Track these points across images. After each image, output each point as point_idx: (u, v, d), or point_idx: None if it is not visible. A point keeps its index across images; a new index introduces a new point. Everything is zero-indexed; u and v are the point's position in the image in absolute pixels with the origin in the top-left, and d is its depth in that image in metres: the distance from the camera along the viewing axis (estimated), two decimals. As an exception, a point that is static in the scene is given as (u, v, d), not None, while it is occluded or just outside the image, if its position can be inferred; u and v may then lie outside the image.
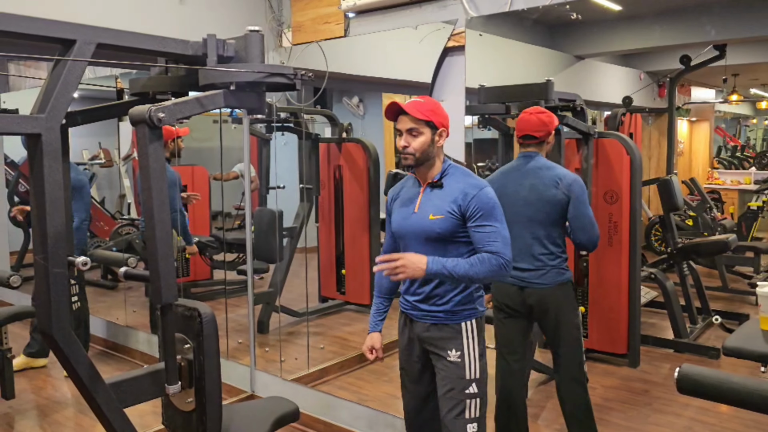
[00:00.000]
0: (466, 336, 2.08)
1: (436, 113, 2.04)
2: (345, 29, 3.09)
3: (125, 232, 5.82)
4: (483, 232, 1.99)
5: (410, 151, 2.03)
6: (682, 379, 1.97)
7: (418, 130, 2.02)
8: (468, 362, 2.06)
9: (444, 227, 2.02)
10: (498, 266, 1.97)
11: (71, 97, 1.49)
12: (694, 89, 8.87)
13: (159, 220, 1.51)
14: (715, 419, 3.21)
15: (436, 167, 2.09)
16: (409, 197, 2.14)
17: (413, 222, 2.08)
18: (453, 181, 2.07)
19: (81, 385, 1.55)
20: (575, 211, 2.61)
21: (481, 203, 2.00)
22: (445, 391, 2.08)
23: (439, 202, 2.04)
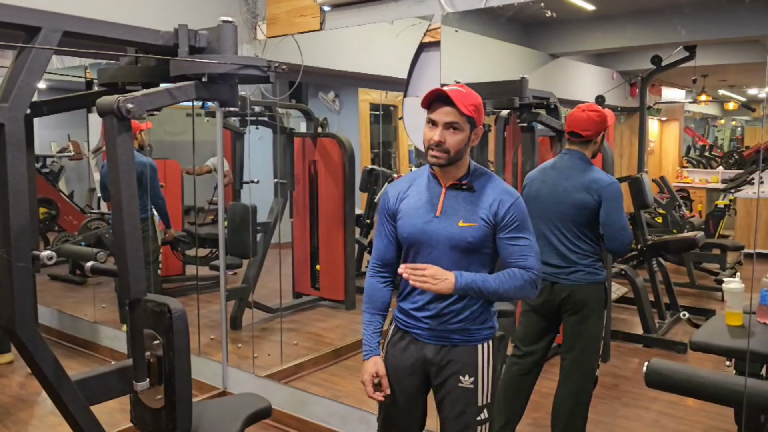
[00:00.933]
0: (482, 359, 1.88)
1: (480, 110, 1.82)
2: (321, 23, 3.06)
3: (95, 226, 5.70)
4: (517, 245, 1.81)
5: (446, 147, 1.78)
6: (650, 374, 2.00)
7: (459, 125, 1.78)
8: (481, 388, 1.87)
9: (476, 236, 1.81)
10: (529, 282, 1.81)
11: (36, 86, 1.44)
12: (664, 89, 9.02)
13: (127, 213, 1.47)
14: (682, 412, 3.27)
15: (464, 167, 1.86)
16: (426, 199, 1.87)
17: (438, 228, 1.83)
18: (485, 185, 1.85)
19: (46, 382, 1.51)
20: (606, 217, 2.53)
21: (518, 213, 1.82)
22: (455, 415, 1.88)
23: (472, 208, 1.82)
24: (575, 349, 2.66)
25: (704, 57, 5.65)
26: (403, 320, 1.94)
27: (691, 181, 8.64)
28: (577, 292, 2.61)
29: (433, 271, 1.73)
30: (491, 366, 1.89)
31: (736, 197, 6.88)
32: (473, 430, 1.88)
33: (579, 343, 2.65)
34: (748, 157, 9.27)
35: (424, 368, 1.92)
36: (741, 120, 12.56)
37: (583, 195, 2.55)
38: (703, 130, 12.36)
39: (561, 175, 2.64)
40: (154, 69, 1.80)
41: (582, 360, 2.66)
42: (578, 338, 2.65)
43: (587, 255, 2.62)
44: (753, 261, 4.84)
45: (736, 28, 5.15)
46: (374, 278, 1.99)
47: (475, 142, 1.84)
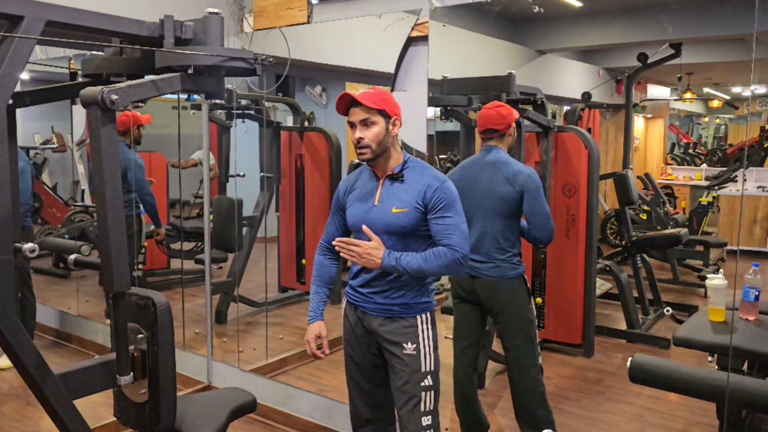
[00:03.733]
0: (422, 329, 2.05)
1: (388, 102, 1.98)
2: (308, 15, 3.05)
3: (78, 219, 5.65)
4: (442, 224, 1.96)
5: (365, 143, 1.97)
6: (634, 369, 2.02)
7: (371, 119, 1.96)
8: (423, 354, 2.03)
9: (408, 221, 1.98)
10: (453, 260, 1.94)
11: (18, 76, 1.42)
12: (650, 87, 9.09)
13: (111, 206, 1.46)
14: (665, 407, 3.31)
15: (394, 159, 2.04)
16: (367, 191, 2.08)
17: (375, 216, 2.02)
18: (415, 174, 2.02)
19: (27, 376, 1.49)
20: (530, 207, 2.59)
21: (444, 195, 1.97)
22: (401, 384, 2.03)
23: (404, 195, 2.00)
24: (511, 343, 2.69)
25: (690, 55, 5.70)
26: (353, 295, 2.14)
27: (675, 178, 8.73)
28: (497, 290, 2.64)
29: (360, 249, 1.95)
30: (431, 334, 2.06)
31: (719, 194, 6.96)
32: (418, 397, 2.01)
33: (513, 338, 2.67)
34: (731, 155, 9.37)
35: (373, 337, 2.10)
36: (725, 118, 12.70)
37: (507, 188, 2.60)
38: (687, 128, 12.48)
39: (483, 171, 2.68)
40: (140, 60, 1.78)
41: (520, 352, 2.67)
42: (509, 332, 2.68)
43: (505, 250, 2.64)
44: (736, 257, 4.90)
45: (722, 27, 5.21)
46: (322, 256, 2.28)
47: (394, 130, 2.00)
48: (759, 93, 8.83)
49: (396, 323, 2.04)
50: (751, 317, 2.37)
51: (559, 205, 3.97)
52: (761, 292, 2.38)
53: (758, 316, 2.38)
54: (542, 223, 2.60)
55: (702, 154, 10.75)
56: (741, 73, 7.92)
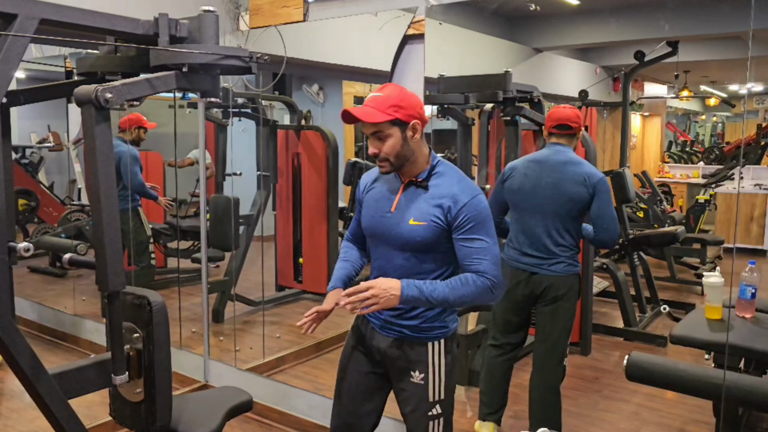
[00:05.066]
0: (433, 357, 1.85)
1: (401, 106, 1.72)
2: (304, 14, 3.04)
3: (75, 218, 5.63)
4: (471, 246, 1.73)
5: (383, 156, 1.75)
6: (630, 367, 2.02)
7: (382, 133, 1.73)
8: (432, 384, 1.86)
9: (425, 236, 1.76)
10: (483, 289, 1.72)
11: (12, 74, 1.42)
12: (647, 85, 9.09)
13: (106, 205, 1.45)
14: (662, 405, 3.31)
15: (420, 164, 1.80)
16: (386, 193, 1.86)
17: (389, 224, 1.82)
18: (442, 182, 1.79)
19: (22, 375, 1.49)
20: (600, 210, 2.59)
21: (473, 213, 1.73)
22: (409, 411, 1.90)
23: (424, 206, 1.77)
24: (550, 338, 2.73)
25: (686, 53, 5.71)
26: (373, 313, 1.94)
27: (672, 176, 8.73)
28: (556, 283, 2.67)
29: (374, 291, 1.69)
30: (443, 363, 1.87)
31: (716, 192, 6.97)
32: (425, 427, 1.89)
33: (553, 332, 2.72)
34: (728, 153, 9.38)
35: (380, 357, 1.93)
36: (722, 116, 12.71)
37: (579, 188, 2.59)
38: (684, 126, 12.49)
39: (550, 169, 2.66)
40: (135, 58, 1.78)
41: (555, 348, 2.73)
42: (553, 327, 2.72)
43: (569, 248, 2.68)
44: (733, 255, 4.91)
45: (719, 24, 5.21)
46: (349, 242, 2.07)
47: (416, 136, 1.76)
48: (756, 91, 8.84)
49: (405, 348, 1.87)
50: (747, 315, 2.38)
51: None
52: (758, 290, 2.38)
53: (755, 313, 2.39)
54: (609, 225, 2.60)
55: (699, 152, 10.76)
56: (738, 71, 7.93)
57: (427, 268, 1.81)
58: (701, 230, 6.73)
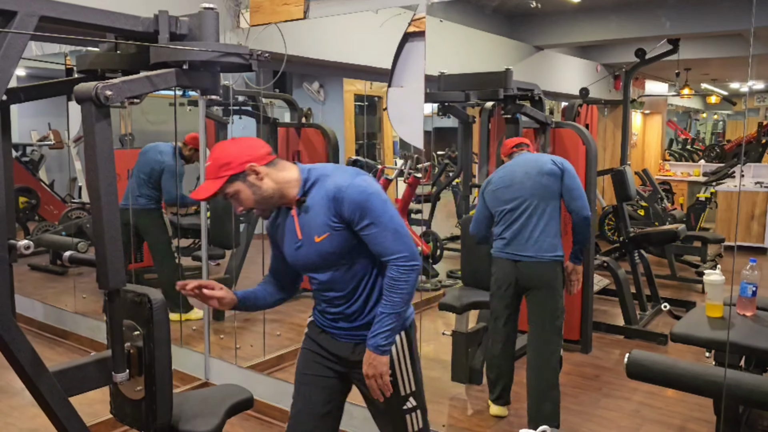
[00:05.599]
0: (397, 352, 1.83)
1: (228, 162, 1.69)
2: (304, 11, 3.03)
3: (75, 216, 5.64)
4: (369, 234, 1.70)
5: (249, 208, 1.75)
6: (631, 365, 2.02)
7: (228, 194, 1.72)
8: (401, 377, 1.84)
9: (335, 244, 1.73)
10: (406, 272, 1.70)
11: (12, 72, 1.41)
12: (648, 83, 9.08)
13: (106, 202, 1.45)
14: (662, 403, 3.31)
15: (292, 187, 1.75)
16: (287, 224, 1.82)
17: (306, 251, 1.78)
18: (319, 188, 1.74)
19: (23, 373, 1.49)
20: (572, 183, 2.89)
21: (353, 201, 1.68)
22: (380, 412, 1.90)
23: (318, 219, 1.73)
24: (541, 326, 2.89)
25: (687, 51, 5.70)
26: (320, 320, 1.92)
27: (673, 174, 8.73)
28: (540, 269, 2.85)
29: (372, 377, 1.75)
30: (407, 355, 1.86)
31: (717, 190, 6.96)
32: (403, 421, 1.88)
33: (544, 320, 2.88)
34: (729, 151, 9.37)
35: (339, 363, 1.89)
36: (723, 114, 12.70)
37: (551, 167, 2.90)
38: (685, 124, 12.48)
39: (522, 164, 2.97)
40: (135, 56, 1.77)
41: (548, 336, 2.88)
42: (543, 314, 2.88)
43: (550, 235, 2.88)
44: (734, 253, 4.90)
45: (720, 22, 5.21)
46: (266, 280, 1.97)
47: (260, 176, 1.71)
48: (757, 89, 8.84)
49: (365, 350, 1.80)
50: (748, 313, 2.37)
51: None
52: (758, 288, 2.38)
53: (755, 311, 2.38)
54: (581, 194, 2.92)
55: (700, 150, 10.75)
56: (739, 69, 7.92)
57: (359, 273, 1.79)
58: (702, 228, 6.72)
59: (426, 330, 4.15)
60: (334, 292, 1.81)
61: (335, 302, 1.83)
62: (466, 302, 3.32)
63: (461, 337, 3.40)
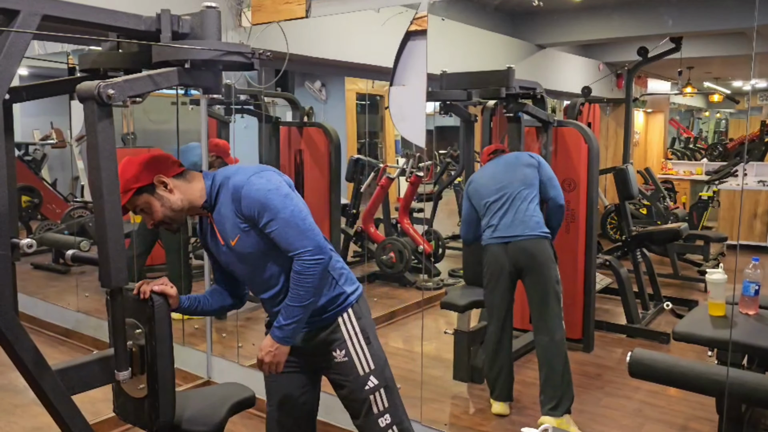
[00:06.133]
0: (346, 330, 1.86)
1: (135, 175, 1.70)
2: (306, 10, 3.03)
3: (78, 215, 5.65)
4: (272, 231, 1.71)
5: (159, 222, 1.76)
6: (633, 364, 2.02)
7: (138, 206, 1.74)
8: (356, 356, 1.87)
9: (249, 245, 1.76)
10: (310, 266, 1.70)
11: (14, 71, 1.41)
12: (650, 81, 9.07)
13: (109, 201, 1.45)
14: (665, 402, 3.31)
15: (200, 197, 1.78)
16: (210, 233, 1.86)
17: (227, 254, 1.82)
18: (224, 193, 1.76)
19: (26, 372, 1.49)
20: (547, 173, 3.10)
21: (251, 199, 1.70)
22: (345, 395, 1.91)
23: (229, 223, 1.77)
24: (542, 303, 2.99)
25: (690, 49, 5.69)
26: (270, 319, 1.94)
27: (675, 173, 8.72)
28: (530, 246, 2.97)
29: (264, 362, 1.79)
30: (358, 332, 1.88)
31: (719, 189, 6.95)
32: (367, 402, 1.89)
33: (544, 297, 2.98)
34: (732, 149, 9.37)
35: (296, 354, 1.88)
36: (725, 112, 12.69)
37: (529, 160, 3.12)
38: (688, 122, 12.47)
39: (502, 162, 3.17)
40: (137, 55, 1.77)
41: (550, 311, 2.98)
42: (540, 291, 2.98)
43: (533, 215, 3.02)
44: (736, 252, 4.89)
45: (722, 21, 5.20)
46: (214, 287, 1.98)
47: (170, 187, 1.74)
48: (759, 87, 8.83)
49: (318, 334, 1.87)
50: (750, 312, 2.37)
51: (558, 200, 3.96)
52: (761, 287, 2.38)
53: (758, 310, 2.38)
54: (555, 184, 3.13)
55: (702, 148, 10.74)
56: (741, 68, 7.91)
57: (285, 267, 1.79)
58: (704, 227, 6.72)
59: (428, 329, 4.15)
60: (270, 290, 1.85)
61: (276, 300, 1.85)
62: (467, 301, 3.32)
63: (463, 336, 3.40)
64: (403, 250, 5.28)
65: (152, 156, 1.78)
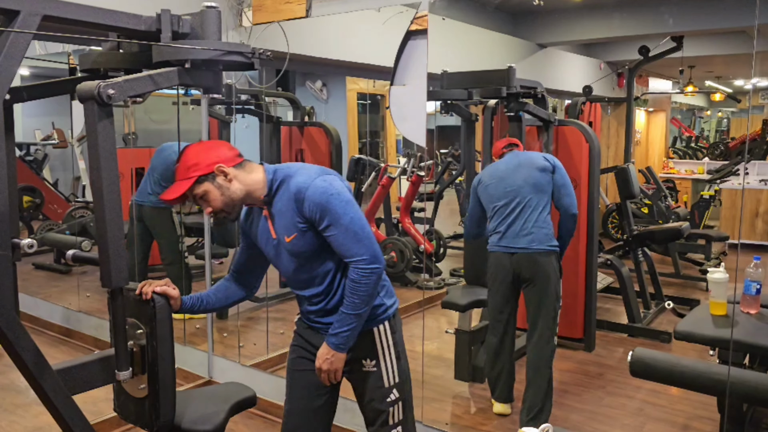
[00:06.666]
0: (380, 341, 1.87)
1: (197, 162, 1.71)
2: (307, 9, 3.03)
3: (79, 215, 5.65)
4: (330, 235, 1.73)
5: (218, 211, 1.76)
6: (634, 363, 2.01)
7: (197, 194, 1.73)
8: (385, 369, 1.88)
9: (304, 244, 1.77)
10: (366, 275, 1.72)
11: (15, 71, 1.42)
12: (651, 80, 9.06)
13: (109, 201, 1.46)
14: (666, 401, 3.31)
15: (259, 189, 1.79)
16: (262, 223, 1.87)
17: (277, 248, 1.83)
18: (285, 189, 1.78)
19: (26, 372, 1.49)
20: (562, 179, 2.95)
21: (313, 202, 1.71)
22: (367, 401, 1.92)
23: (285, 220, 1.77)
24: (538, 318, 2.92)
25: (691, 48, 5.68)
26: (305, 317, 1.96)
27: (677, 172, 8.71)
28: (535, 260, 2.89)
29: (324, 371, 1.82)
30: (391, 345, 1.89)
31: (721, 188, 6.94)
32: (386, 413, 1.90)
33: (541, 312, 2.92)
34: (733, 149, 9.35)
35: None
36: (727, 111, 12.66)
37: (543, 163, 2.96)
38: (689, 121, 12.45)
39: (514, 161, 3.02)
40: (137, 55, 1.78)
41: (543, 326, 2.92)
42: (538, 304, 2.92)
43: (542, 226, 2.92)
44: (737, 251, 4.89)
45: (723, 19, 5.18)
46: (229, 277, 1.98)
47: (229, 177, 1.73)
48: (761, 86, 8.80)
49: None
50: (752, 311, 2.37)
51: (559, 199, 3.95)
52: (762, 286, 2.37)
53: (759, 309, 2.38)
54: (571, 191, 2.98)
55: (704, 147, 10.72)
56: (743, 66, 7.89)
57: (333, 269, 1.82)
58: (706, 226, 6.71)
59: (429, 328, 4.15)
60: (312, 288, 1.85)
61: (314, 300, 1.87)
62: (468, 300, 3.32)
63: (464, 335, 3.40)
64: (405, 249, 5.29)
65: (214, 144, 1.80)
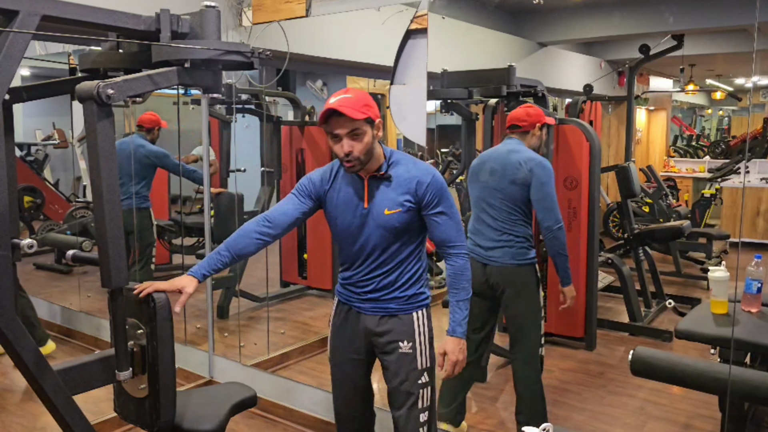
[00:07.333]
0: (418, 325, 2.00)
1: (371, 106, 1.85)
2: (307, 9, 3.03)
3: (80, 215, 5.65)
4: (438, 220, 1.93)
5: (355, 156, 1.84)
6: (635, 362, 2.01)
7: (360, 129, 1.82)
8: (420, 352, 1.99)
9: (402, 221, 1.91)
10: (467, 261, 1.98)
11: (14, 71, 1.42)
12: (652, 79, 9.04)
13: (108, 201, 1.46)
14: (667, 400, 3.30)
15: (379, 159, 1.92)
16: (351, 191, 1.96)
17: (368, 218, 1.93)
18: (401, 170, 1.93)
19: (27, 372, 1.49)
20: (538, 192, 2.66)
21: (436, 189, 1.91)
22: (398, 383, 2.00)
23: (393, 195, 1.91)
24: (519, 333, 2.75)
25: (692, 46, 5.67)
26: (345, 294, 2.06)
27: (677, 171, 8.69)
28: (507, 274, 2.71)
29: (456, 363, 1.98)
30: (426, 331, 2.03)
31: (722, 187, 6.93)
32: (416, 395, 1.99)
33: (517, 323, 2.76)
34: (734, 147, 9.33)
35: (366, 338, 2.03)
36: (728, 110, 12.64)
37: (517, 171, 2.67)
38: (690, 120, 12.43)
39: (496, 157, 2.76)
40: (137, 54, 1.77)
41: (526, 341, 2.73)
42: (518, 321, 2.75)
43: (517, 238, 2.70)
44: (738, 250, 4.88)
45: (724, 17, 5.18)
46: (253, 227, 2.00)
47: (380, 134, 1.90)
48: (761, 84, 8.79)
49: (392, 322, 1.99)
50: (753, 309, 2.36)
51: (560, 198, 3.91)
52: (764, 284, 2.37)
53: (761, 308, 2.37)
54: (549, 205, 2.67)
55: (705, 146, 10.71)
56: (743, 65, 7.88)
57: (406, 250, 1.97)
58: (707, 225, 6.70)
59: (430, 327, 4.15)
60: (379, 259, 1.96)
61: (374, 272, 1.97)
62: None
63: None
64: (405, 249, 5.27)
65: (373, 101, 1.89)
